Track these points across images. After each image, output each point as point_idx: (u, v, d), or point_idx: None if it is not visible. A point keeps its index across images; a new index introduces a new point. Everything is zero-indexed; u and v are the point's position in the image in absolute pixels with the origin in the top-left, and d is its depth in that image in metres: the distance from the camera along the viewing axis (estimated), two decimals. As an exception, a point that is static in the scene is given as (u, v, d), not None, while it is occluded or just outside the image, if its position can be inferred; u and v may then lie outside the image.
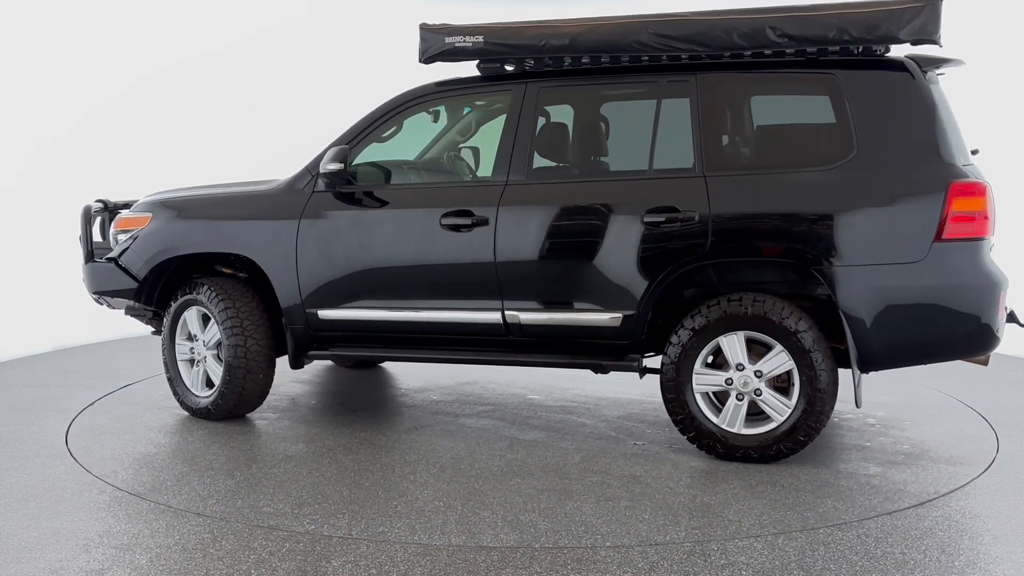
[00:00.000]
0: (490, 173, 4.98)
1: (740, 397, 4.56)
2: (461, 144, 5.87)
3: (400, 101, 5.19)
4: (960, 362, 4.76)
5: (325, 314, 5.16)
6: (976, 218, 4.32)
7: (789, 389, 4.53)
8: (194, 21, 9.09)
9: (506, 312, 4.85)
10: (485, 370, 6.67)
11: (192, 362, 5.51)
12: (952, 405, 5.88)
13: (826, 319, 4.61)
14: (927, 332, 4.39)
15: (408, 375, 6.70)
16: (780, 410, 4.52)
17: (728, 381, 4.57)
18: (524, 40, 4.85)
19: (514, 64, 5.03)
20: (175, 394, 5.57)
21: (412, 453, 4.84)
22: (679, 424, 4.67)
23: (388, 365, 6.99)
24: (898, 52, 4.61)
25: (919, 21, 4.36)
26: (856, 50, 4.54)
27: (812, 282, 4.62)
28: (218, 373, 5.35)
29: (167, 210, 5.54)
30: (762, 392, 4.53)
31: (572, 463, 4.66)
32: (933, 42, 4.42)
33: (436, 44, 5.01)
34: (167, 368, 5.57)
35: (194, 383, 5.50)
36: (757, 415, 4.60)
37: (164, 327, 5.53)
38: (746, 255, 4.57)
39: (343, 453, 4.84)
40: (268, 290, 5.38)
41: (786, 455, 4.56)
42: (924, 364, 4.64)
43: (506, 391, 6.21)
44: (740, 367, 4.54)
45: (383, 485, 4.35)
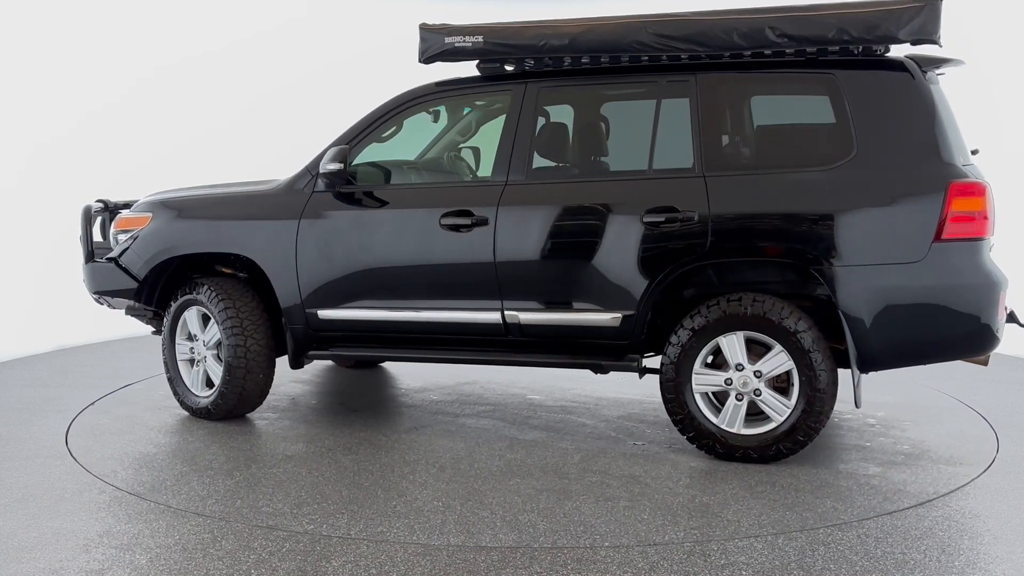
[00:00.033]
0: (490, 173, 4.98)
1: (739, 397, 4.56)
2: (461, 144, 5.87)
3: (400, 101, 5.19)
4: (960, 362, 4.76)
5: (325, 314, 5.17)
6: (976, 218, 4.32)
7: (788, 389, 4.53)
8: (194, 21, 9.09)
9: (506, 312, 4.85)
10: (485, 370, 6.67)
11: (192, 362, 5.52)
12: (952, 405, 5.88)
13: (826, 319, 4.61)
14: (927, 332, 4.39)
15: (408, 375, 6.70)
16: (779, 410, 4.52)
17: (728, 381, 4.57)
18: (524, 40, 4.85)
19: (514, 64, 5.03)
20: (175, 394, 5.57)
21: (412, 453, 4.84)
22: (678, 424, 4.67)
23: (388, 365, 6.99)
24: (898, 52, 4.61)
25: (919, 21, 4.36)
26: (856, 50, 4.54)
27: (812, 282, 4.62)
28: (218, 373, 5.35)
29: (167, 210, 5.54)
30: (761, 392, 4.53)
31: (571, 463, 4.67)
32: (933, 42, 4.42)
33: (436, 44, 5.01)
34: (167, 368, 5.57)
35: (194, 383, 5.51)
36: (756, 415, 4.60)
37: (164, 327, 5.54)
38: (746, 255, 4.57)
39: (343, 453, 4.84)
40: (268, 290, 5.38)
41: (785, 455, 4.56)
42: (924, 364, 4.64)
43: (506, 391, 6.21)
44: (740, 367, 4.54)
45: (382, 485, 4.36)
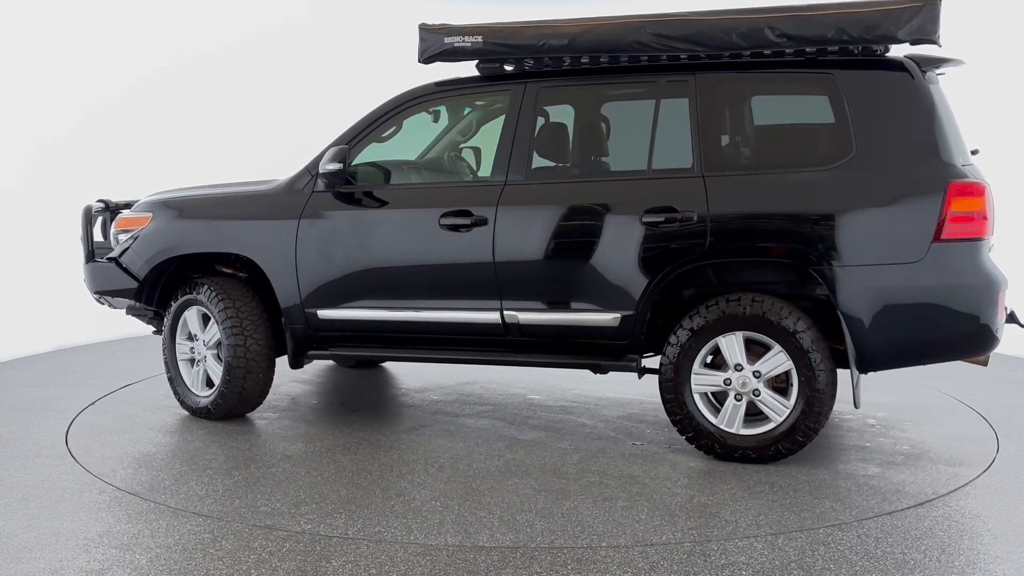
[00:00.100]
0: (489, 173, 4.98)
1: (739, 397, 4.56)
2: (462, 144, 5.87)
3: (400, 101, 5.19)
4: (960, 362, 4.75)
5: (324, 314, 5.17)
6: (975, 218, 4.31)
7: (788, 389, 4.52)
8: (194, 21, 9.09)
9: (505, 312, 4.85)
10: (485, 370, 6.67)
11: (192, 362, 5.52)
12: (952, 405, 5.88)
13: (825, 319, 4.61)
14: (926, 332, 4.39)
15: (409, 375, 6.70)
16: (779, 410, 4.52)
17: (727, 381, 4.57)
18: (523, 40, 4.85)
19: (513, 64, 5.03)
20: (175, 394, 5.58)
21: (411, 453, 4.84)
22: (678, 424, 4.67)
23: (389, 365, 6.99)
24: (898, 52, 4.61)
25: (918, 21, 4.35)
26: (855, 50, 4.54)
27: (811, 282, 4.62)
28: (218, 373, 5.35)
29: (168, 210, 5.54)
30: (761, 392, 4.52)
31: (570, 463, 4.67)
32: (932, 42, 4.41)
33: (435, 44, 5.01)
34: (167, 368, 5.57)
35: (194, 383, 5.51)
36: (756, 415, 4.60)
37: (164, 327, 5.54)
38: (745, 255, 4.57)
39: (342, 453, 4.84)
40: (268, 290, 5.38)
41: (784, 455, 4.56)
42: (923, 364, 4.63)
43: (506, 391, 6.21)
44: (739, 367, 4.54)
45: (381, 485, 4.36)
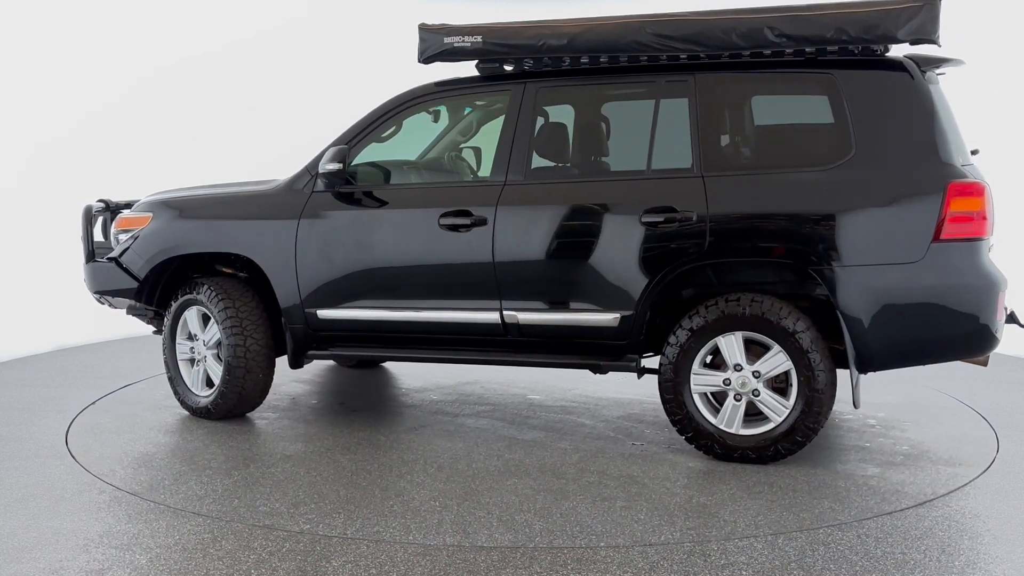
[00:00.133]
0: (489, 173, 4.98)
1: (738, 397, 4.56)
2: (462, 144, 5.87)
3: (399, 101, 5.19)
4: (961, 362, 4.75)
5: (324, 314, 5.17)
6: (974, 218, 4.31)
7: (787, 390, 4.52)
8: (194, 21, 9.09)
9: (504, 312, 4.85)
10: (486, 370, 6.67)
11: (192, 361, 5.52)
12: (953, 405, 5.87)
13: (824, 319, 4.61)
14: (925, 332, 4.39)
15: (409, 375, 6.70)
16: (778, 410, 4.51)
17: (726, 381, 4.57)
18: (523, 40, 4.85)
19: (513, 64, 5.04)
20: (175, 393, 5.58)
21: (410, 453, 4.84)
22: (677, 424, 4.67)
23: (389, 365, 6.99)
24: (897, 52, 4.61)
25: (918, 21, 4.35)
26: (855, 50, 4.54)
27: (810, 282, 4.62)
28: (218, 373, 5.36)
29: (168, 210, 5.55)
30: (760, 392, 4.52)
31: (569, 463, 4.67)
32: (932, 42, 4.41)
33: (435, 44, 5.01)
34: (167, 367, 5.58)
35: (194, 382, 5.51)
36: (755, 416, 4.60)
37: (165, 327, 5.54)
38: (744, 255, 4.56)
39: (341, 453, 4.85)
40: (268, 290, 5.38)
41: (784, 456, 4.56)
42: (922, 365, 4.63)
43: (506, 391, 6.22)
44: (738, 367, 4.54)
45: (380, 485, 4.36)
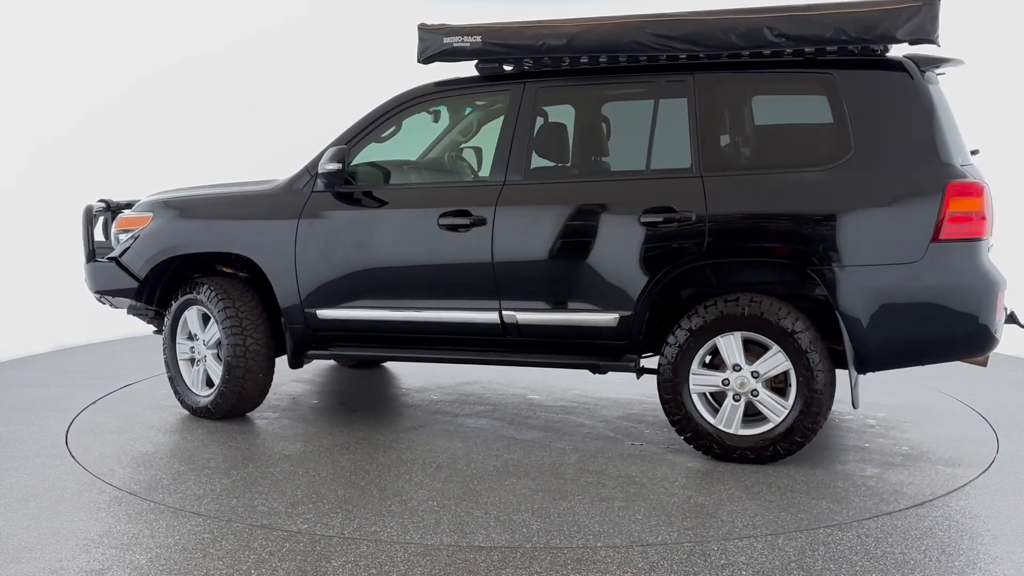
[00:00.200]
0: (488, 173, 4.98)
1: (737, 398, 4.55)
2: (463, 144, 5.87)
3: (399, 101, 5.19)
4: (960, 362, 4.74)
5: (324, 314, 5.17)
6: (974, 218, 4.31)
7: (786, 390, 4.52)
8: (194, 21, 9.10)
9: (503, 312, 4.85)
10: (486, 370, 6.67)
11: (192, 361, 5.53)
12: (953, 406, 5.87)
13: (823, 319, 4.61)
14: (924, 333, 4.39)
15: (409, 375, 6.70)
16: (777, 411, 4.51)
17: (725, 382, 4.57)
18: (522, 40, 4.85)
19: (512, 64, 5.04)
20: (175, 393, 5.58)
21: (409, 453, 4.84)
22: (676, 425, 4.67)
23: (390, 365, 6.99)
24: (897, 52, 4.61)
25: (917, 20, 4.35)
26: (855, 50, 4.53)
27: (809, 282, 4.62)
28: (218, 372, 5.36)
29: (168, 210, 5.55)
30: (759, 393, 4.52)
31: (568, 463, 4.67)
32: (931, 42, 4.41)
33: (434, 44, 5.01)
34: (168, 367, 5.58)
35: (194, 382, 5.52)
36: (754, 416, 4.60)
37: (165, 326, 5.55)
38: (743, 255, 4.56)
39: (340, 452, 4.85)
40: (268, 290, 5.39)
41: (783, 456, 4.55)
42: (921, 365, 4.62)
43: (506, 391, 6.22)
44: (737, 368, 4.54)
45: (378, 484, 4.36)
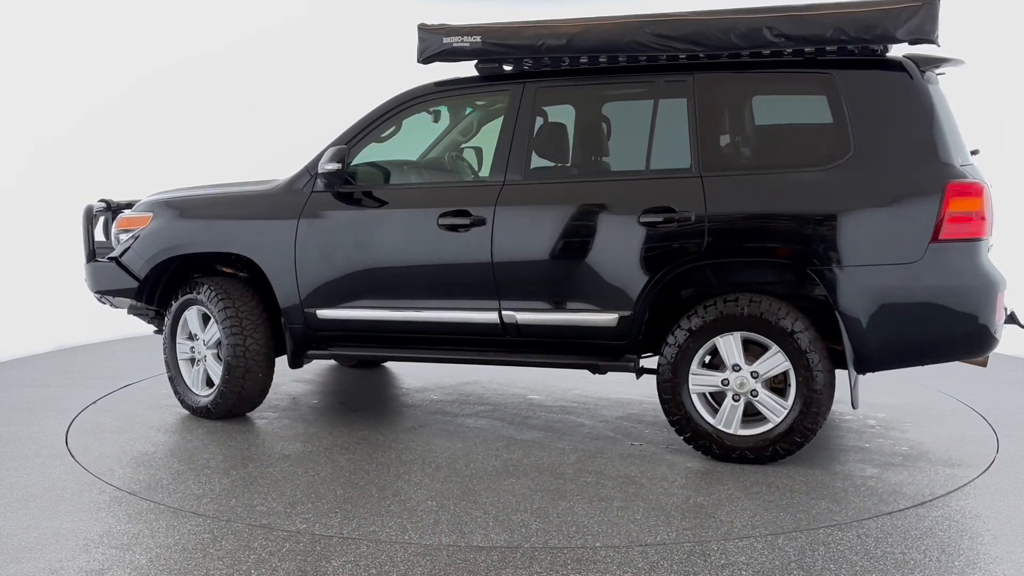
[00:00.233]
0: (488, 173, 4.99)
1: (736, 398, 4.55)
2: (463, 144, 5.87)
3: (399, 101, 5.20)
4: (960, 363, 4.74)
5: (324, 314, 5.17)
6: (973, 218, 4.31)
7: (785, 390, 4.52)
8: (194, 21, 9.10)
9: (503, 312, 4.85)
10: (486, 370, 6.67)
11: (193, 361, 5.53)
12: (953, 406, 5.87)
13: (823, 320, 4.61)
14: (924, 333, 4.38)
15: (410, 375, 6.70)
16: (776, 411, 4.51)
17: (724, 382, 4.57)
18: (522, 40, 4.85)
19: (512, 64, 5.04)
20: (175, 393, 5.59)
21: (409, 453, 4.84)
22: (675, 425, 4.67)
23: (390, 365, 7.00)
24: (897, 52, 4.61)
25: (916, 20, 4.35)
26: (854, 50, 4.53)
27: (809, 282, 4.62)
28: (218, 372, 5.36)
29: (168, 210, 5.55)
30: (758, 393, 4.52)
31: (568, 463, 4.67)
32: (931, 42, 4.41)
33: (434, 44, 5.02)
34: (168, 367, 5.58)
35: (194, 382, 5.52)
36: (754, 416, 4.60)
37: (165, 326, 5.55)
38: (743, 255, 4.56)
39: (340, 452, 4.85)
40: (268, 290, 5.39)
41: (782, 456, 4.55)
42: (921, 365, 4.62)
43: (506, 391, 6.22)
44: (736, 368, 4.54)
45: (377, 484, 4.36)
